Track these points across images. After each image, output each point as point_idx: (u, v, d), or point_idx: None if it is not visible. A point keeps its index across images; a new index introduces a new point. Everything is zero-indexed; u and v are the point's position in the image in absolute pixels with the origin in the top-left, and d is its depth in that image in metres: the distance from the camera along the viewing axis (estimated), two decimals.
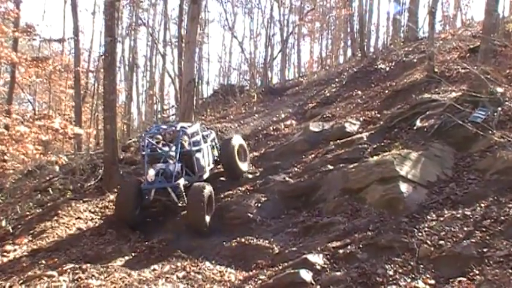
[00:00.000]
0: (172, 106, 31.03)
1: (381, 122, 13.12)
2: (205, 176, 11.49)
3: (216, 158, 12.64)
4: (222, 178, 12.50)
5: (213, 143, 12.78)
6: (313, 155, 12.79)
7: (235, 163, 12.24)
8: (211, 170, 12.22)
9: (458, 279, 6.18)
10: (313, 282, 6.95)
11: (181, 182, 10.36)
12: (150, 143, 11.04)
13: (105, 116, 13.51)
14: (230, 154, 12.22)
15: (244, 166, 12.53)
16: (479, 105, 10.71)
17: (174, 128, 11.68)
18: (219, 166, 12.88)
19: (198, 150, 11.30)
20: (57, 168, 14.75)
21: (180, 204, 10.38)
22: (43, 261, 8.57)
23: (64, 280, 7.70)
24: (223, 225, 10.02)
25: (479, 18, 23.21)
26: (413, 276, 6.54)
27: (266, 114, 19.09)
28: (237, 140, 12.78)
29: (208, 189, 10.04)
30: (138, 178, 11.36)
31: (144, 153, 10.84)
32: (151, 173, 10.14)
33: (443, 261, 6.69)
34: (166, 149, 11.06)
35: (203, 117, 21.06)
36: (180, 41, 21.33)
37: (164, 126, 12.19)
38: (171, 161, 10.71)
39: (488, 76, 9.60)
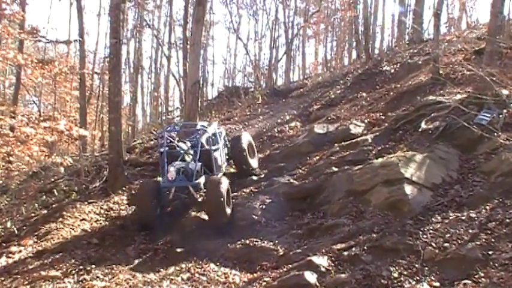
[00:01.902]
0: (177, 108, 31.07)
1: (386, 124, 13.08)
2: (220, 175, 11.51)
3: (227, 156, 12.71)
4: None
5: (225, 140, 12.86)
6: (317, 157, 12.77)
7: (246, 160, 12.38)
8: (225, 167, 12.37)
9: (463, 281, 6.16)
10: (317, 284, 6.95)
11: (202, 181, 10.50)
12: (169, 141, 11.05)
13: (110, 118, 13.55)
14: (241, 151, 12.35)
15: (254, 162, 12.66)
16: (485, 107, 10.68)
17: (194, 127, 11.94)
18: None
19: (216, 150, 11.45)
20: (62, 169, 14.81)
21: (200, 200, 10.60)
22: (48, 263, 8.60)
23: (69, 281, 7.73)
24: (228, 227, 10.00)
25: (484, 20, 23.16)
26: (418, 278, 6.54)
27: (271, 116, 19.08)
28: (246, 137, 12.89)
29: (225, 182, 10.19)
30: (154, 179, 11.55)
31: (162, 150, 10.86)
32: (173, 171, 10.19)
33: (448, 263, 6.68)
34: (183, 146, 11.16)
35: (208, 119, 21.07)
36: (185, 42, 21.37)
37: (179, 125, 12.36)
38: (188, 159, 10.82)
39: (494, 78, 9.57)
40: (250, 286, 7.51)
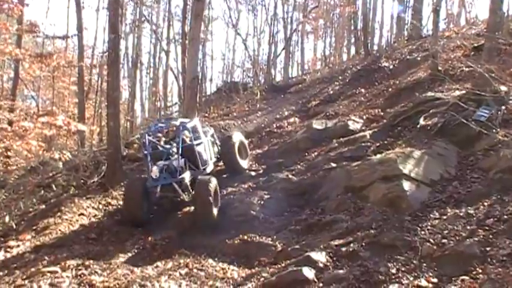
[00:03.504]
0: (176, 103, 31.02)
1: (384, 120, 13.11)
2: (208, 170, 11.51)
3: (216, 155, 12.62)
4: (224, 175, 12.48)
5: (213, 139, 12.75)
6: (316, 153, 12.79)
7: (235, 160, 12.31)
8: (214, 164, 12.25)
9: (461, 277, 6.17)
10: (315, 279, 6.96)
11: (186, 176, 10.42)
12: (151, 142, 11.08)
13: (108, 113, 13.53)
14: (231, 151, 12.28)
15: (244, 163, 12.55)
16: (483, 104, 10.68)
17: (173, 124, 11.77)
18: (220, 163, 12.88)
19: (199, 144, 11.36)
20: (60, 164, 14.78)
21: (186, 199, 10.42)
22: (46, 257, 8.60)
23: (67, 276, 7.72)
24: (226, 223, 10.01)
25: (483, 17, 23.14)
26: (416, 274, 6.54)
27: (269, 112, 19.08)
28: (237, 137, 12.78)
29: (214, 182, 10.12)
30: (143, 177, 11.36)
31: (145, 152, 10.84)
32: (155, 169, 10.16)
33: (446, 259, 6.69)
34: (166, 145, 11.09)
35: (206, 115, 21.07)
36: (183, 38, 21.29)
37: (162, 124, 12.15)
38: (173, 158, 10.72)
39: (493, 74, 9.55)
40: (248, 281, 7.50)
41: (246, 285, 7.36)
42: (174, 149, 10.86)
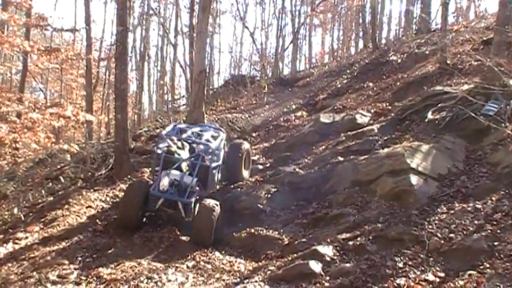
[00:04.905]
0: (183, 96, 31.07)
1: (392, 114, 13.06)
2: (212, 193, 10.91)
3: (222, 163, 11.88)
4: None
5: (224, 144, 12.04)
6: (323, 147, 12.77)
7: (239, 170, 11.81)
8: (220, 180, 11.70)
9: (469, 272, 6.16)
10: (322, 273, 6.97)
11: (194, 199, 9.75)
12: (169, 145, 10.48)
13: (116, 106, 13.54)
14: (237, 161, 11.78)
15: (246, 173, 12.09)
16: (492, 98, 10.61)
17: (198, 140, 10.99)
18: None
19: (216, 167, 10.75)
20: (68, 157, 14.88)
21: (186, 219, 9.64)
22: (54, 249, 8.64)
23: (75, 268, 7.77)
24: (233, 216, 10.01)
25: (493, 10, 22.97)
26: (423, 268, 6.54)
27: (277, 105, 19.07)
28: (245, 147, 12.22)
29: (217, 209, 9.43)
30: (146, 181, 11.20)
31: (159, 151, 10.32)
32: (165, 182, 9.61)
33: (454, 254, 6.68)
34: (182, 154, 10.48)
35: (213, 108, 21.08)
36: (191, 31, 21.28)
37: (183, 129, 11.55)
38: (184, 168, 10.13)
39: (502, 68, 9.50)
40: (255, 275, 7.51)
41: (252, 278, 7.36)
42: (189, 162, 10.27)
